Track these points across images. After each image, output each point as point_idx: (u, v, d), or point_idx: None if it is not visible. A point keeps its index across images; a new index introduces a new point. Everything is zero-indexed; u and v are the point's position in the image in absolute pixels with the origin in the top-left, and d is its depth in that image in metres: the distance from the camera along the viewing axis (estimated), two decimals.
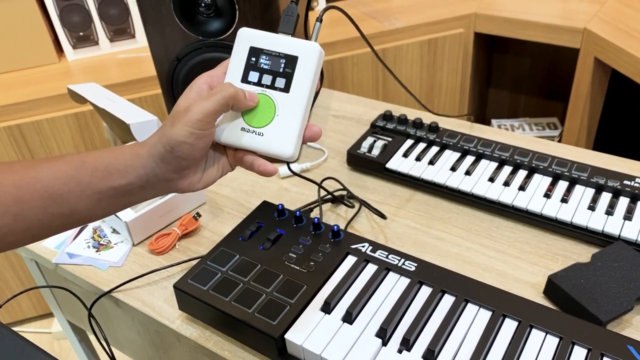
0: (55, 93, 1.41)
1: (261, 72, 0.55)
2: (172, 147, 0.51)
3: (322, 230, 0.75)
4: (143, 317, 0.76)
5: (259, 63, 0.55)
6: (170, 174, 0.53)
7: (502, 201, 0.83)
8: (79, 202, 0.52)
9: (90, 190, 0.52)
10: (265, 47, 0.55)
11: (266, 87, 0.55)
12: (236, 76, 0.55)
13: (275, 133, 0.54)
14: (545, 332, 0.61)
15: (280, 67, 0.55)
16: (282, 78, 0.54)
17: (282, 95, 0.55)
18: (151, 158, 0.52)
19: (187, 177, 0.54)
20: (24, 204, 0.51)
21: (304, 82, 0.54)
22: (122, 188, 0.53)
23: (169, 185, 0.54)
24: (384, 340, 0.61)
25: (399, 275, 0.69)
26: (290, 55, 0.54)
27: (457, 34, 1.63)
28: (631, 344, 0.59)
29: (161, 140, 0.51)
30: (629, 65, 1.33)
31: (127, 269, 0.81)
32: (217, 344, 0.69)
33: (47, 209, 0.52)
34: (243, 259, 0.72)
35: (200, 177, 0.56)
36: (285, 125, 0.54)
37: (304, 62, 0.54)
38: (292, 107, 0.54)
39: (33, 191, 0.51)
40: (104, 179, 0.52)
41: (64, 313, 0.98)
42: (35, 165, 0.52)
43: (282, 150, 0.54)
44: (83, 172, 0.52)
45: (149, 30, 0.88)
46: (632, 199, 0.81)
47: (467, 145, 0.93)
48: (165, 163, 0.52)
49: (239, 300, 0.66)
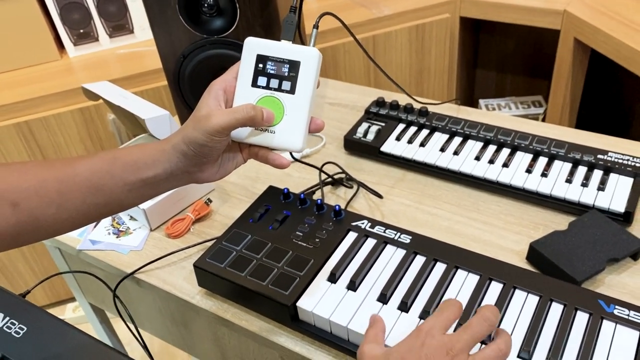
0: (60, 89, 1.47)
1: (269, 77, 0.62)
2: (193, 147, 0.59)
3: (324, 210, 0.83)
4: (165, 295, 0.83)
5: (266, 69, 0.62)
6: (192, 168, 0.60)
7: (488, 177, 0.91)
8: (113, 193, 0.60)
9: (122, 182, 0.59)
10: (271, 54, 0.62)
11: (274, 90, 0.62)
12: (247, 82, 0.62)
13: (286, 130, 0.62)
14: (526, 292, 0.69)
15: (285, 72, 0.62)
16: (288, 81, 0.62)
17: (289, 97, 0.62)
18: (175, 154, 0.59)
19: (206, 171, 0.62)
20: (66, 196, 0.58)
21: (307, 84, 0.61)
22: (149, 180, 0.60)
23: (190, 177, 0.62)
24: (384, 304, 0.69)
25: (395, 247, 0.77)
26: (293, 61, 0.61)
27: (443, 19, 1.69)
28: (601, 298, 0.67)
29: (184, 140, 0.59)
30: (606, 45, 1.40)
31: (147, 252, 0.88)
32: (234, 315, 0.77)
33: (86, 200, 0.59)
34: (255, 238, 0.79)
35: (217, 170, 0.63)
36: (293, 123, 0.62)
37: (305, 66, 0.61)
38: (298, 107, 0.62)
39: (73, 184, 0.58)
40: (134, 172, 0.59)
41: (86, 296, 1.06)
42: (74, 162, 0.59)
43: (292, 144, 0.62)
44: (116, 166, 0.59)
45: (156, 30, 0.94)
46: (605, 172, 0.89)
47: (455, 127, 1.00)
48: (187, 159, 0.59)
49: (253, 274, 0.74)
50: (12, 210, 0.56)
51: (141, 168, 0.60)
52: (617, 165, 0.88)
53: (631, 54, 1.33)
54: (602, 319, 0.65)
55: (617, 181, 0.87)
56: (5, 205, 0.55)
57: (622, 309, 0.65)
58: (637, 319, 0.64)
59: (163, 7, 0.91)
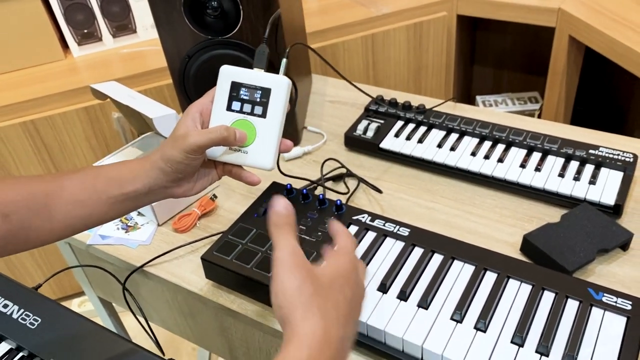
0: (65, 89, 1.50)
1: (242, 102, 0.67)
2: (170, 164, 0.64)
3: (326, 205, 0.86)
4: (173, 287, 0.86)
5: (239, 94, 0.67)
6: (169, 183, 0.66)
7: (483, 172, 0.94)
8: (96, 206, 0.64)
9: (105, 195, 0.64)
10: (244, 81, 0.67)
11: (247, 114, 0.68)
12: (222, 106, 0.68)
13: (257, 151, 0.68)
14: (520, 281, 0.73)
15: (257, 97, 0.67)
16: (259, 106, 0.67)
17: (260, 120, 0.67)
18: (154, 171, 0.65)
19: (182, 186, 0.68)
20: (53, 209, 0.62)
21: (277, 109, 0.67)
22: (130, 194, 0.65)
23: (166, 191, 0.67)
24: (384, 293, 0.73)
25: (394, 240, 0.80)
26: (265, 88, 0.67)
27: (440, 17, 1.72)
28: (591, 286, 0.70)
29: (162, 158, 0.64)
30: (600, 42, 1.43)
31: (155, 246, 0.92)
32: (240, 306, 0.80)
33: (71, 213, 0.63)
34: (259, 232, 0.82)
35: (193, 186, 0.69)
36: (264, 144, 0.67)
37: (276, 93, 0.67)
38: (269, 129, 0.67)
39: (60, 197, 0.63)
40: (116, 187, 0.64)
41: (95, 290, 1.09)
42: (61, 177, 0.64)
43: (263, 164, 0.68)
44: (99, 181, 0.64)
45: (162, 31, 0.97)
46: (596, 166, 0.92)
47: (451, 124, 1.04)
48: (165, 175, 0.65)
49: (259, 266, 0.77)
50: (3, 220, 0.60)
51: (123, 183, 0.64)
52: (607, 160, 0.91)
53: (624, 51, 1.36)
54: (592, 306, 0.68)
55: (607, 175, 0.90)
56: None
57: (610, 296, 0.69)
58: (624, 305, 0.67)
59: (169, 9, 0.95)
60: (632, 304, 0.67)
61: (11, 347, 0.76)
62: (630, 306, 0.67)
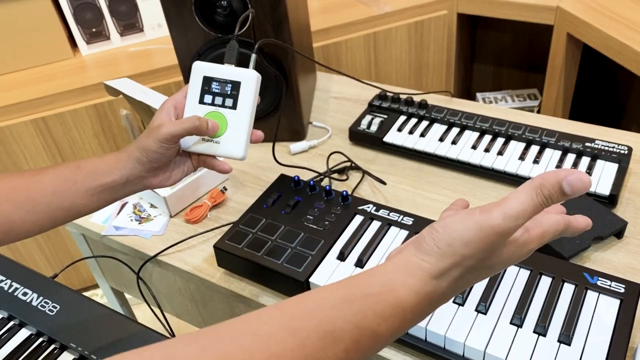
0: (75, 86, 1.54)
1: (213, 95, 0.71)
2: (146, 154, 0.67)
3: (333, 196, 0.90)
4: (186, 275, 0.90)
5: (211, 88, 0.71)
6: (145, 173, 0.69)
7: (484, 165, 0.98)
8: (76, 197, 0.68)
9: (84, 187, 0.67)
10: (215, 75, 0.71)
11: (218, 106, 0.71)
12: (195, 99, 0.71)
13: (229, 141, 0.71)
14: (518, 267, 0.76)
15: (227, 90, 0.71)
16: (230, 99, 0.71)
17: (231, 112, 0.71)
18: (130, 161, 0.68)
19: (158, 176, 0.71)
20: (34, 201, 0.66)
21: (247, 101, 0.70)
22: (108, 185, 0.68)
23: (143, 182, 0.70)
24: None
25: (399, 229, 0.84)
26: (235, 81, 0.71)
27: (441, 16, 1.76)
28: (586, 271, 0.74)
29: (138, 148, 0.68)
30: (598, 39, 1.47)
31: (168, 236, 0.95)
32: (251, 292, 0.84)
33: (52, 204, 0.67)
34: (269, 221, 0.86)
35: (169, 176, 0.72)
36: (235, 135, 0.71)
37: (245, 86, 0.70)
38: (239, 120, 0.71)
39: (40, 190, 0.66)
40: (94, 178, 0.68)
41: (107, 280, 1.13)
42: (42, 171, 0.68)
43: (235, 153, 0.71)
44: (78, 173, 0.68)
45: (173, 30, 1.01)
46: (592, 158, 0.95)
47: (452, 118, 1.07)
48: (141, 165, 0.68)
49: (269, 254, 0.81)
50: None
51: (100, 175, 0.68)
52: (603, 152, 0.95)
53: (621, 48, 1.39)
54: (587, 289, 0.72)
55: (603, 167, 0.93)
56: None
57: (604, 280, 0.72)
58: (617, 289, 0.71)
59: (180, 9, 0.98)
60: (625, 287, 0.71)
61: (31, 332, 0.79)
62: (623, 289, 0.71)
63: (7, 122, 1.50)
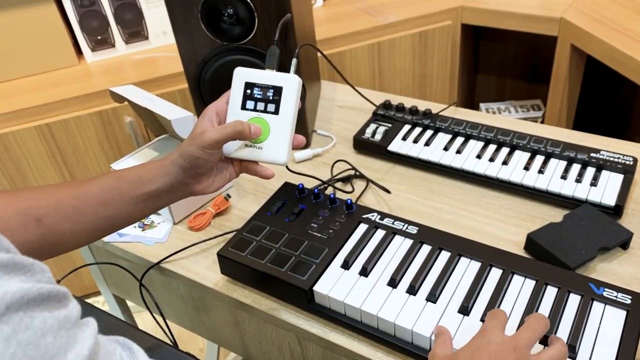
0: (79, 93, 1.54)
1: (256, 101, 0.71)
2: (189, 160, 0.67)
3: (337, 204, 0.89)
4: (189, 283, 0.90)
5: (253, 94, 0.71)
6: (189, 179, 0.69)
7: (488, 174, 0.98)
8: (121, 206, 0.68)
9: (129, 196, 0.68)
10: (257, 81, 0.71)
11: (260, 111, 0.71)
12: (237, 105, 0.72)
13: (271, 146, 0.71)
14: (524, 277, 0.76)
15: (269, 96, 0.71)
16: (272, 104, 0.71)
17: (274, 117, 0.71)
18: (174, 168, 0.68)
19: (201, 182, 0.71)
20: (80, 211, 0.66)
21: (289, 106, 0.70)
22: (152, 193, 0.68)
23: (187, 188, 0.70)
24: (394, 287, 0.76)
25: (403, 238, 0.83)
26: (277, 86, 0.71)
27: (445, 26, 1.76)
28: (592, 282, 0.73)
29: (182, 155, 0.68)
30: (601, 51, 1.47)
31: (171, 243, 0.95)
32: (254, 300, 0.83)
33: (98, 214, 0.67)
34: (273, 229, 0.86)
35: (212, 182, 0.72)
36: (278, 140, 0.71)
37: (287, 91, 0.70)
38: (282, 126, 0.71)
39: (86, 200, 0.67)
40: (138, 187, 0.68)
41: (110, 287, 1.12)
42: (86, 182, 0.68)
43: (277, 158, 0.71)
44: (122, 183, 0.68)
45: (179, 37, 1.01)
46: (597, 169, 0.95)
47: (457, 127, 1.07)
48: (184, 171, 0.68)
49: (273, 262, 0.80)
50: (36, 224, 0.63)
51: (145, 183, 0.68)
52: (608, 163, 0.95)
53: (625, 59, 1.40)
54: (593, 300, 0.71)
55: (608, 177, 0.93)
56: (31, 221, 0.62)
57: (610, 291, 0.72)
58: (624, 300, 0.70)
59: (186, 16, 0.98)
60: (631, 299, 0.70)
61: None
62: (629, 300, 0.70)
63: (11, 128, 1.50)
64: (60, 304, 0.41)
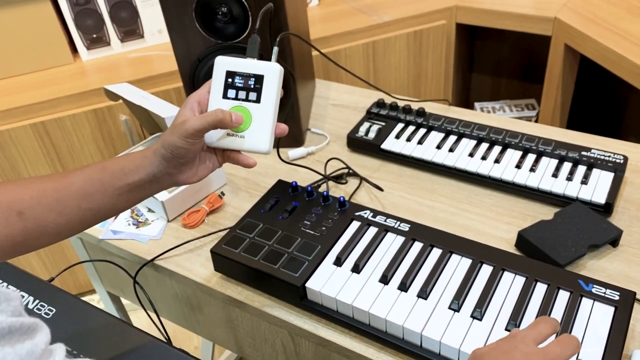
0: (74, 91, 1.54)
1: (237, 89, 0.71)
2: (171, 149, 0.67)
3: (330, 201, 0.90)
4: (182, 280, 0.90)
5: (234, 82, 0.71)
6: (171, 169, 0.69)
7: (480, 172, 0.98)
8: (104, 198, 0.68)
9: (112, 187, 0.68)
10: (238, 69, 0.71)
11: (242, 100, 0.71)
12: (218, 94, 0.71)
13: (253, 135, 0.71)
14: (514, 274, 0.77)
15: (251, 84, 0.70)
16: (254, 92, 0.70)
17: (255, 106, 0.71)
18: (156, 158, 0.68)
19: (184, 172, 0.70)
20: (64, 203, 0.66)
21: (270, 94, 0.70)
22: (135, 183, 0.68)
23: (170, 178, 0.70)
24: (385, 284, 0.77)
25: (395, 235, 0.84)
26: (258, 75, 0.70)
27: (440, 25, 1.77)
28: (581, 279, 0.74)
29: (163, 145, 0.67)
30: (595, 50, 1.48)
31: (165, 241, 0.95)
32: (247, 297, 0.84)
33: (81, 206, 0.67)
34: (266, 226, 0.86)
35: (195, 172, 0.72)
36: (260, 128, 0.71)
37: (268, 79, 0.70)
38: (264, 114, 0.70)
39: (69, 192, 0.66)
40: (121, 178, 0.68)
41: (104, 284, 1.13)
42: (69, 173, 0.68)
43: (260, 147, 0.71)
44: (105, 174, 0.68)
45: (173, 36, 1.02)
46: (588, 167, 0.96)
47: (450, 126, 1.08)
48: (166, 161, 0.68)
49: (266, 259, 0.81)
50: (19, 218, 0.63)
51: (127, 174, 0.68)
52: (599, 162, 0.95)
53: (618, 59, 1.40)
54: (582, 296, 0.72)
55: (599, 176, 0.94)
56: (12, 214, 0.63)
57: (599, 287, 0.73)
58: (612, 296, 0.71)
59: (180, 15, 0.99)
60: (619, 295, 0.71)
61: None
62: (617, 297, 0.71)
63: (6, 126, 1.51)
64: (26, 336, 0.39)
